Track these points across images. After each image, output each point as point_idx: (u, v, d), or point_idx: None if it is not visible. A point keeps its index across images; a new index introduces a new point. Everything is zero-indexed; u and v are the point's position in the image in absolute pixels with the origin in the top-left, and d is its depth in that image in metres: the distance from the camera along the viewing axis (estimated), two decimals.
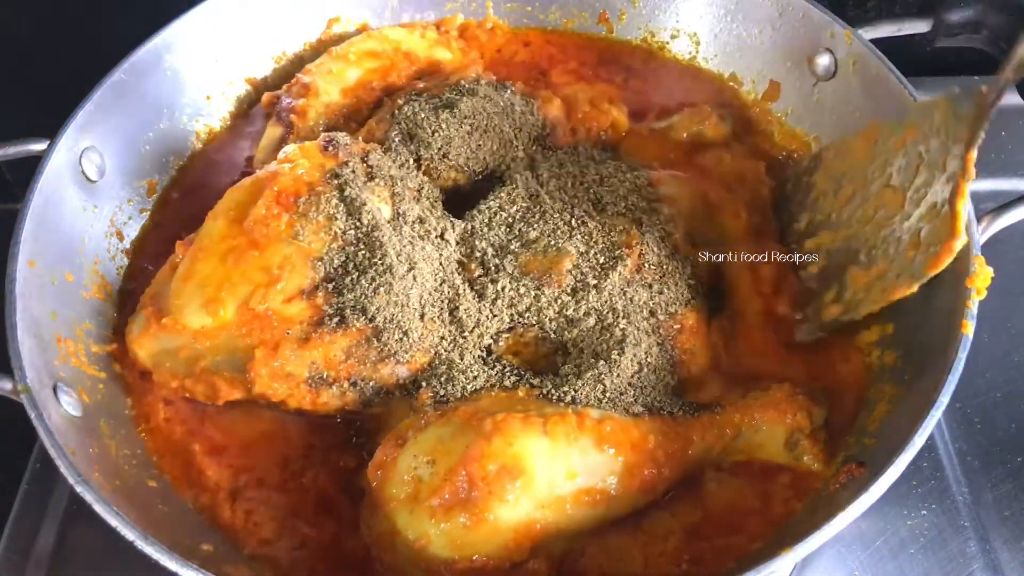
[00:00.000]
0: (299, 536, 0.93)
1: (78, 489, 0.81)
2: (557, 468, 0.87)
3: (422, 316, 0.97)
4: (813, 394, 0.98)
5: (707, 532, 0.92)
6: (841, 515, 0.80)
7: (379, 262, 0.95)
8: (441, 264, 1.01)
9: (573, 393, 0.94)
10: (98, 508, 0.80)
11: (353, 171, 1.01)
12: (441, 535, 0.84)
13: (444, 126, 1.12)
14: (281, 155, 1.04)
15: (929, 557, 1.11)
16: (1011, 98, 1.13)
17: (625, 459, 0.89)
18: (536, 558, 0.87)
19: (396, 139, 1.12)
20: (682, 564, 0.90)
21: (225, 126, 1.31)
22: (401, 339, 0.95)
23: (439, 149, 1.12)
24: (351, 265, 0.95)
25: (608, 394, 0.94)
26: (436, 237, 1.04)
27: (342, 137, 1.05)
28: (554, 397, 0.94)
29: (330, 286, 0.94)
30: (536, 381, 0.97)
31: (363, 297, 0.94)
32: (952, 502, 1.14)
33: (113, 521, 0.79)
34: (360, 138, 1.11)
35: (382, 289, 0.94)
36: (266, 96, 1.28)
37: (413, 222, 1.02)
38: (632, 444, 0.90)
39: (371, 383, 0.96)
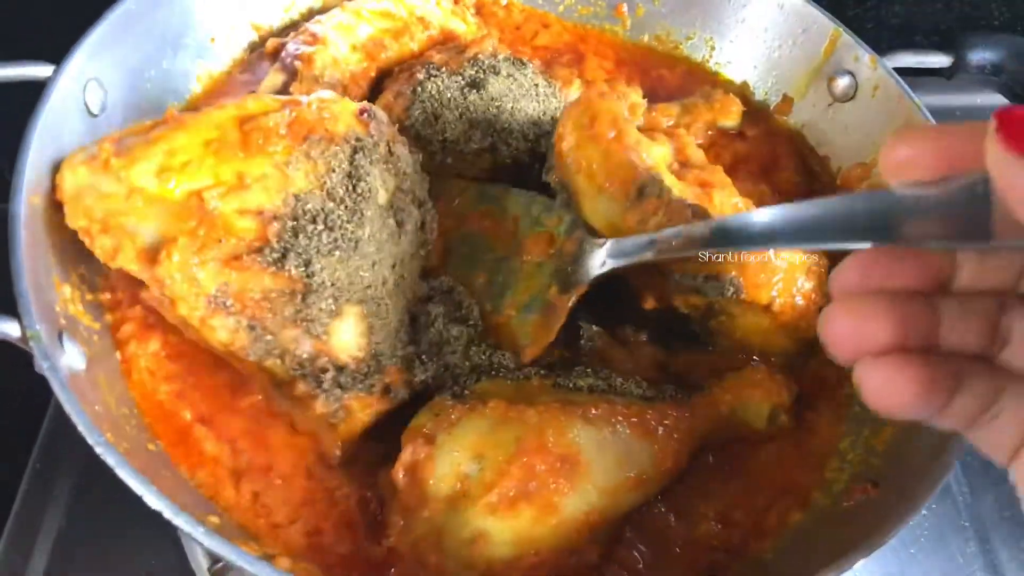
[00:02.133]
0: (313, 522, 0.89)
1: (98, 450, 0.74)
2: (606, 455, 0.87)
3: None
4: (784, 371, 1.03)
5: (736, 516, 0.95)
6: (877, 537, 0.81)
7: (351, 230, 0.91)
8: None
9: (589, 382, 0.94)
10: (121, 473, 0.74)
11: (375, 145, 0.97)
12: (503, 531, 0.82)
13: (472, 108, 1.09)
14: (317, 94, 0.98)
15: (929, 557, 1.14)
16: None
17: (655, 441, 0.91)
18: (589, 545, 0.87)
19: (419, 118, 1.08)
20: (714, 550, 0.92)
21: (227, 70, 1.24)
22: (326, 312, 0.91)
23: (465, 132, 1.09)
24: (321, 217, 0.90)
25: (617, 380, 0.96)
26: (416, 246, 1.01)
27: (381, 113, 1.00)
28: (569, 385, 0.94)
29: (290, 224, 0.89)
30: (544, 371, 0.97)
31: (315, 250, 0.89)
32: (952, 502, 1.17)
33: (139, 488, 0.73)
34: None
35: (338, 253, 0.90)
36: (271, 42, 1.23)
37: (402, 221, 0.98)
38: (657, 426, 0.92)
39: (268, 338, 0.90)
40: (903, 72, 1.18)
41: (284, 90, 1.14)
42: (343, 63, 1.18)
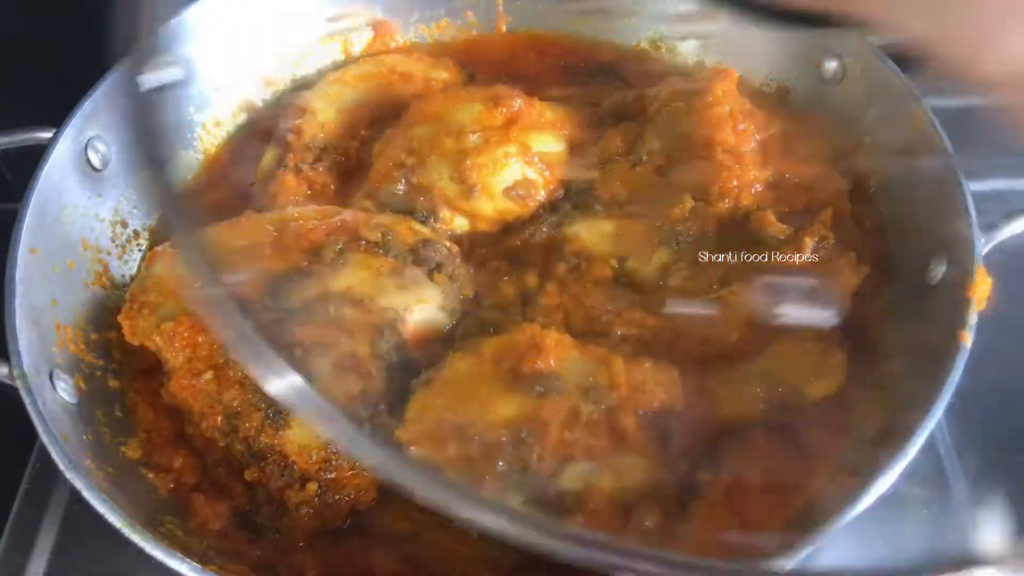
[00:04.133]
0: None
1: (67, 475, 0.81)
2: None
3: None
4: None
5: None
6: (833, 521, 0.79)
7: None
8: None
9: None
10: (87, 495, 0.80)
11: None
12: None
13: None
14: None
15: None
16: None
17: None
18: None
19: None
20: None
21: (232, 120, 1.32)
22: None
23: None
24: None
25: None
26: None
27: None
28: None
29: None
30: None
31: None
32: (952, 502, 1.13)
33: (101, 508, 0.79)
34: None
35: None
36: (261, 123, 1.30)
37: None
38: None
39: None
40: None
41: (280, 162, 1.21)
42: (331, 127, 1.24)
